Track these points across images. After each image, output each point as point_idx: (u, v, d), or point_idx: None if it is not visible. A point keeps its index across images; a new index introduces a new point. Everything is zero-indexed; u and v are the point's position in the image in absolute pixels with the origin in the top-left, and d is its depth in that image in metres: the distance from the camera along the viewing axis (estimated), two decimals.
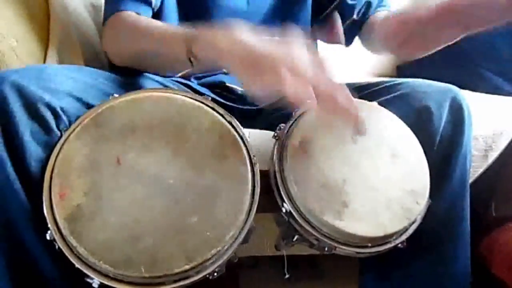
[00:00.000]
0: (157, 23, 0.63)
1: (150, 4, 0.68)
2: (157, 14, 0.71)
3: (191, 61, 0.55)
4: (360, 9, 0.81)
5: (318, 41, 0.88)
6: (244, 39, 0.50)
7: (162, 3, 0.72)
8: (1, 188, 0.50)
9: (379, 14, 0.80)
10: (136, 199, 0.50)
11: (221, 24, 0.52)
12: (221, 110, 0.57)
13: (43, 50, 0.84)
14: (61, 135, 0.53)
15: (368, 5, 0.80)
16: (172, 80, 0.76)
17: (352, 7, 0.81)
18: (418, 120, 0.63)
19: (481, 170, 0.86)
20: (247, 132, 0.57)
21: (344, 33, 0.82)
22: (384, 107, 0.64)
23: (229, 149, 0.55)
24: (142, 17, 0.66)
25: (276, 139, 0.59)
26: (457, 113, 0.64)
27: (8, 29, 0.73)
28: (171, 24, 0.70)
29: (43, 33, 0.84)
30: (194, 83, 0.78)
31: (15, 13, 0.77)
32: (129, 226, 0.49)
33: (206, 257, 0.49)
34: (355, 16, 0.81)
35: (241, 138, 0.56)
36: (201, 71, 0.77)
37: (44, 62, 0.85)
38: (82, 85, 0.58)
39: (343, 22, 0.83)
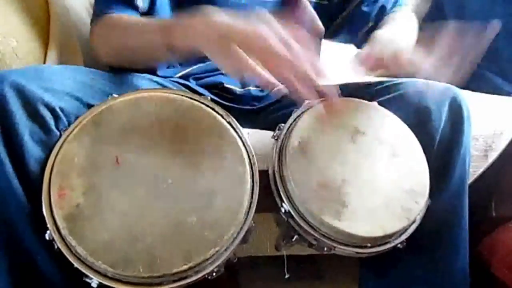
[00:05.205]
0: (137, 18, 0.66)
1: (136, 8, 0.68)
2: (149, 13, 0.72)
3: (170, 50, 0.56)
4: (376, 14, 0.79)
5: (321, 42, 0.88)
6: (218, 20, 0.51)
7: (153, 3, 0.72)
8: (0, 188, 0.50)
9: (392, 15, 0.79)
10: (135, 199, 0.50)
11: (197, 11, 0.53)
12: (221, 110, 0.57)
13: (43, 50, 0.84)
14: (60, 135, 0.53)
15: (382, 9, 0.79)
16: (171, 80, 0.76)
17: (368, 14, 0.79)
18: (418, 119, 0.63)
19: (481, 170, 0.86)
20: (246, 132, 0.57)
21: (363, 41, 0.81)
22: (384, 107, 0.64)
23: (228, 149, 0.55)
24: (124, 15, 0.66)
25: (276, 139, 0.59)
26: (456, 113, 0.64)
27: (8, 29, 0.73)
28: (151, 18, 0.71)
29: (43, 33, 0.84)
30: (192, 84, 0.78)
31: (15, 13, 0.77)
32: (128, 226, 0.49)
33: (204, 257, 0.49)
34: (371, 23, 0.79)
35: (240, 138, 0.56)
36: (184, 59, 0.77)
37: (44, 62, 0.85)
38: (81, 85, 0.58)
39: (359, 31, 0.81)
